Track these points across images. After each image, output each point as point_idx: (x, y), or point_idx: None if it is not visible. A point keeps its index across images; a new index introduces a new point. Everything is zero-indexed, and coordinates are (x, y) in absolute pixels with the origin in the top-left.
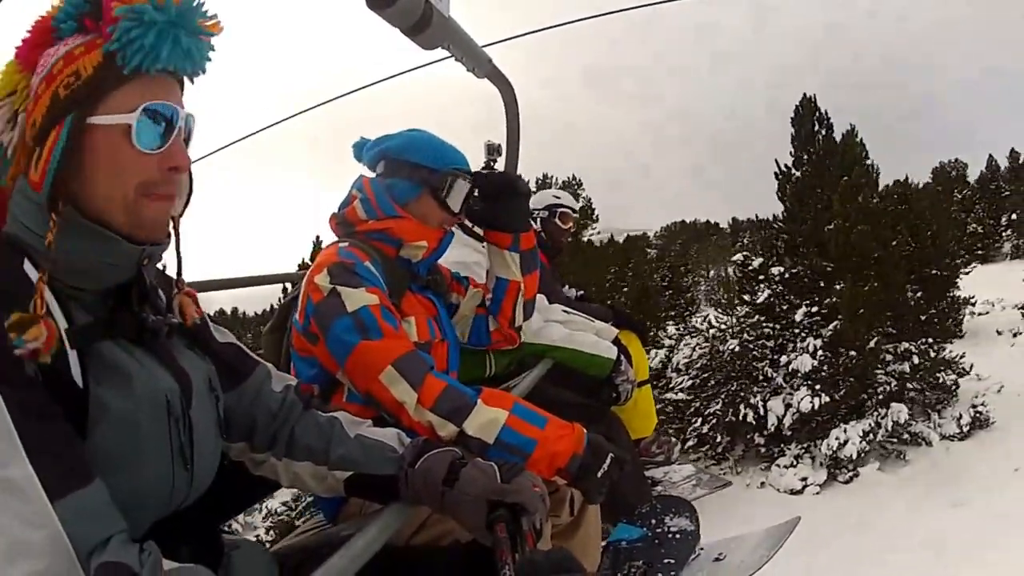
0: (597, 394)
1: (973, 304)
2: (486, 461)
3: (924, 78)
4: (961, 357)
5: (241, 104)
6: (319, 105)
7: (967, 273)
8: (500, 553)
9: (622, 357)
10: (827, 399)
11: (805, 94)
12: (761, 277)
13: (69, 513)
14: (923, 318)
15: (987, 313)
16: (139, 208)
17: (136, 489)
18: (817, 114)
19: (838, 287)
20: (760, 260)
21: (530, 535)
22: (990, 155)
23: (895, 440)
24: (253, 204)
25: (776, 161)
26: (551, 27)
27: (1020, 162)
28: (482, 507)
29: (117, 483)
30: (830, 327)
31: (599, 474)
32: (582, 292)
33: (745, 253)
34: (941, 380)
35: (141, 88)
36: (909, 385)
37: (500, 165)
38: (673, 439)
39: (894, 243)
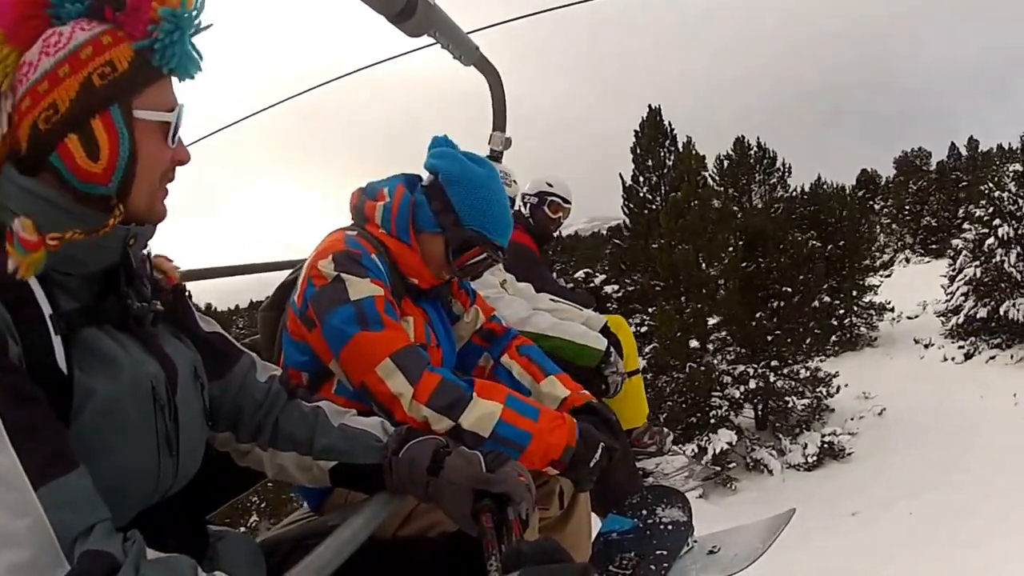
0: (586, 384)
1: (892, 310)
2: (472, 450)
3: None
4: (835, 376)
5: (211, 95)
6: (305, 92)
7: (888, 276)
8: (486, 543)
9: (612, 348)
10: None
11: (650, 106)
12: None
13: (52, 501)
14: (770, 338)
15: (916, 317)
16: (157, 197)
17: (121, 476)
18: (661, 126)
19: (651, 309)
20: (603, 277)
21: (516, 525)
22: (952, 143)
23: (719, 467)
24: (225, 197)
25: (620, 175)
26: (537, 13)
27: (979, 150)
28: (467, 496)
29: (102, 470)
30: (648, 349)
31: (591, 464)
32: (571, 284)
33: (587, 270)
34: (791, 404)
35: (166, 86)
36: (773, 404)
37: (504, 158)
38: (665, 429)
39: (726, 261)
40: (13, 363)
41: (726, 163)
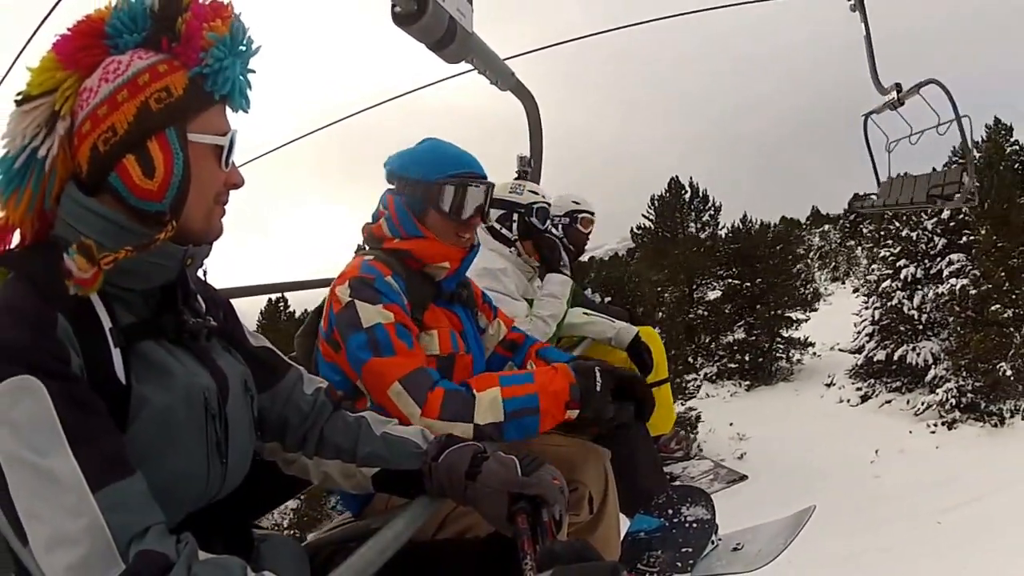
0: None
1: (812, 345)
2: (507, 455)
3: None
4: (698, 419)
5: (258, 119)
6: (346, 118)
7: (815, 310)
8: (522, 543)
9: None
10: None
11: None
12: None
13: (109, 503)
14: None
15: (845, 350)
16: (213, 216)
17: (172, 480)
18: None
19: None
20: None
21: (550, 526)
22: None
23: None
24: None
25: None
26: (572, 40)
27: None
28: (503, 499)
29: (154, 474)
30: None
31: (598, 389)
32: (609, 298)
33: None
34: None
35: (220, 112)
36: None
37: (542, 180)
38: (691, 435)
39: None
40: (75, 373)
41: (659, 203)
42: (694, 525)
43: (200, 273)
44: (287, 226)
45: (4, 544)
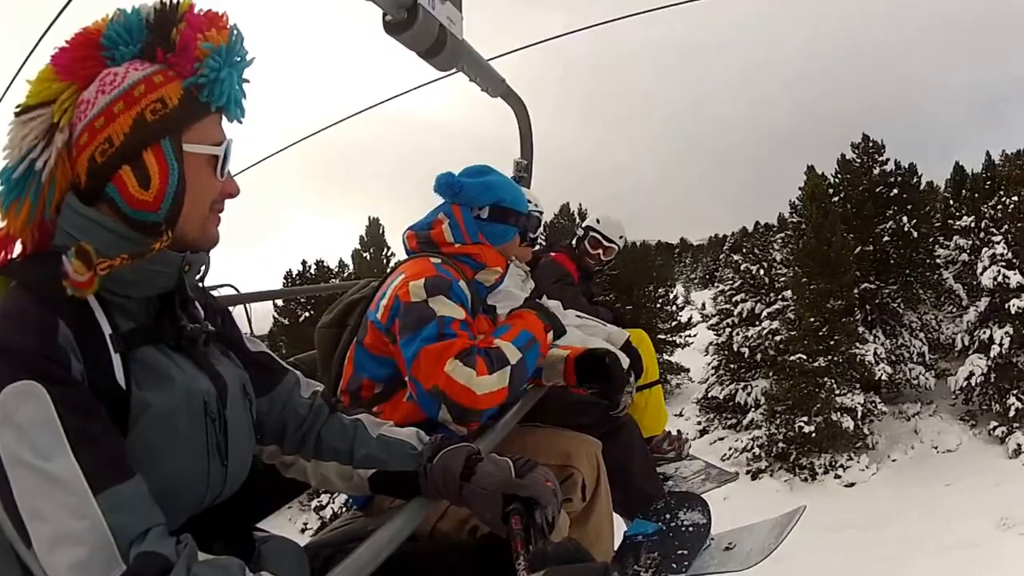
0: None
1: (687, 371)
2: (502, 457)
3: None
4: None
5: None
6: (333, 125)
7: (694, 335)
8: (515, 544)
9: (631, 371)
10: None
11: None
12: None
13: (110, 505)
14: None
15: None
16: (209, 224)
17: (174, 482)
18: (379, 238)
19: None
20: None
21: (543, 527)
22: None
23: None
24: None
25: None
26: (557, 36)
27: None
28: (498, 500)
29: (156, 476)
30: None
31: (555, 321)
32: (597, 299)
33: None
34: None
35: (215, 122)
36: None
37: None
38: (684, 436)
39: None
40: (75, 378)
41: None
42: (690, 529)
43: (198, 280)
44: (275, 235)
45: (8, 546)
